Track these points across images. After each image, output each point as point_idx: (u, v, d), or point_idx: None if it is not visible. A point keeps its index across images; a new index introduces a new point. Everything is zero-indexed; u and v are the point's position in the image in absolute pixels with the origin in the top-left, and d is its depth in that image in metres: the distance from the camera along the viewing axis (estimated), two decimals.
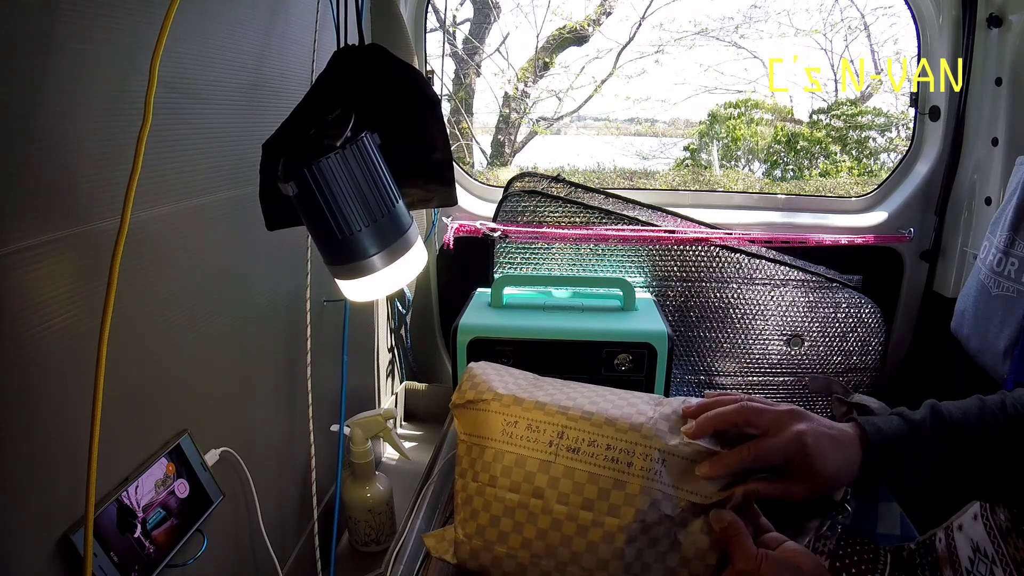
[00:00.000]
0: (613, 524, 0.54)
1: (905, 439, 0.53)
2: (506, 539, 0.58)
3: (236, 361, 0.81)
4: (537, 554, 0.56)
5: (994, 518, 0.57)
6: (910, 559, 0.66)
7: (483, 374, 0.66)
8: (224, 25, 0.72)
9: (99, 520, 0.56)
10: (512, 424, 0.60)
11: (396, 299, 1.42)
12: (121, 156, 0.54)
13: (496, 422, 0.61)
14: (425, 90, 0.70)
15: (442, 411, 1.47)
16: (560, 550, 0.55)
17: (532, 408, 0.60)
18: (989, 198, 1.26)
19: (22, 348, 0.48)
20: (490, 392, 0.63)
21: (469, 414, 0.63)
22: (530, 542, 0.56)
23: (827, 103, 4.46)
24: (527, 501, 0.57)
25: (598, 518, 0.54)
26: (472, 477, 0.61)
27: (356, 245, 0.62)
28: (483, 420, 0.62)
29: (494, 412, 0.61)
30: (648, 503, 0.53)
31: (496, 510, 0.58)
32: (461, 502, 0.61)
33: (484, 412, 0.62)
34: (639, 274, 1.37)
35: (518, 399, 0.62)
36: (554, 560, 0.55)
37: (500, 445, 0.60)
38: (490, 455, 0.60)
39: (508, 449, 0.59)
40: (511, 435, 0.60)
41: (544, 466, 0.57)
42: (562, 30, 4.21)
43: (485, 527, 0.59)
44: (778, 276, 1.37)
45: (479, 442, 0.61)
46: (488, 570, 0.59)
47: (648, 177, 4.58)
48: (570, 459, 0.57)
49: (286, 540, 0.97)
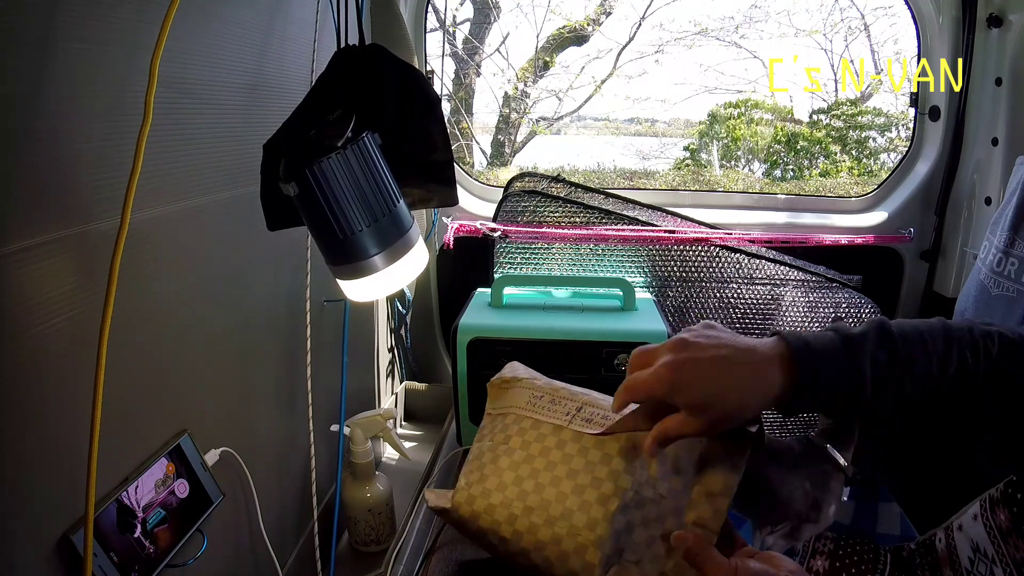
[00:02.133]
0: (609, 489, 0.55)
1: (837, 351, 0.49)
2: (504, 489, 0.60)
3: (236, 361, 0.81)
4: (530, 506, 0.58)
5: (994, 518, 0.57)
6: (910, 559, 0.66)
7: (521, 366, 0.73)
8: (224, 25, 0.72)
9: (99, 520, 0.56)
10: (538, 397, 0.66)
11: (396, 299, 1.42)
12: (121, 156, 0.54)
13: (524, 395, 0.67)
14: (425, 90, 0.70)
15: (442, 411, 1.47)
16: (553, 505, 0.57)
17: (559, 388, 0.66)
18: (989, 198, 1.26)
19: (22, 348, 0.48)
20: (525, 376, 0.70)
21: (501, 392, 0.69)
22: (526, 494, 0.59)
23: (827, 103, 4.46)
24: (533, 456, 0.60)
25: (596, 479, 0.56)
26: (489, 439, 0.65)
27: (357, 245, 0.62)
28: (513, 394, 0.68)
29: (524, 388, 0.68)
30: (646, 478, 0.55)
31: (503, 463, 0.62)
32: (471, 458, 0.66)
33: (515, 388, 0.68)
34: (639, 274, 1.37)
35: (549, 382, 0.68)
36: (545, 514, 0.57)
37: (523, 412, 0.65)
38: (511, 419, 0.65)
39: (528, 414, 0.64)
40: (535, 405, 0.65)
41: (557, 430, 0.61)
42: (562, 30, 4.21)
43: (487, 476, 0.62)
44: (778, 276, 1.36)
45: (504, 411, 0.67)
46: (479, 517, 0.61)
47: (648, 177, 4.58)
48: (582, 426, 0.60)
49: (286, 540, 0.97)
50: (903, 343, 0.49)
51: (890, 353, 0.49)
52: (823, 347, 0.49)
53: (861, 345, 0.49)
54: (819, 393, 0.49)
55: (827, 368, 0.48)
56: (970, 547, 0.59)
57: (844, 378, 0.49)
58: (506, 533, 0.59)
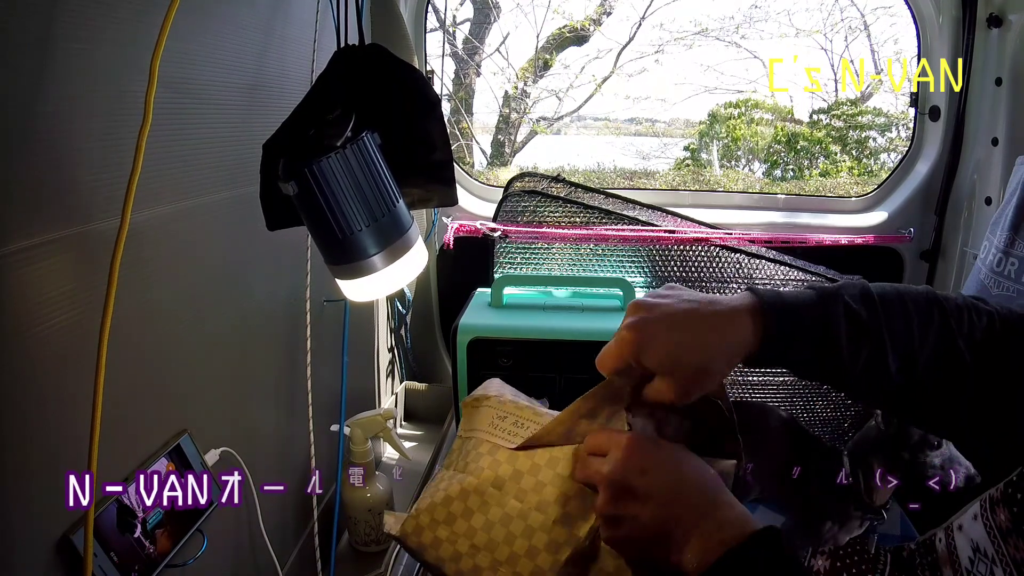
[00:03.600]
0: (562, 535, 0.51)
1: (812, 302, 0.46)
2: (452, 522, 0.55)
3: (236, 361, 0.81)
4: (476, 545, 0.53)
5: (994, 518, 0.57)
6: (910, 559, 0.66)
7: (495, 383, 0.67)
8: (224, 25, 0.72)
9: (99, 520, 0.56)
10: (501, 418, 0.60)
11: (396, 299, 1.42)
12: (121, 156, 0.54)
13: (487, 415, 0.61)
14: (425, 90, 0.70)
15: (442, 411, 1.47)
16: (501, 547, 0.52)
17: (524, 408, 0.60)
18: (989, 198, 1.26)
19: (22, 348, 0.48)
20: (494, 393, 0.64)
21: (471, 411, 0.64)
22: (474, 531, 0.54)
23: (827, 103, 4.46)
24: (485, 488, 0.55)
25: (548, 523, 0.51)
26: (451, 465, 0.61)
27: (356, 245, 0.62)
28: (478, 415, 0.62)
29: (489, 407, 0.62)
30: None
31: (452, 491, 0.56)
32: (430, 483, 0.61)
33: (482, 408, 0.63)
34: (639, 274, 1.37)
35: (515, 402, 0.61)
36: (491, 556, 0.52)
37: (483, 435, 0.59)
38: (471, 444, 0.60)
39: (487, 438, 0.59)
40: (496, 427, 0.59)
41: (512, 457, 0.55)
42: (562, 29, 4.21)
43: (437, 505, 0.56)
44: (778, 276, 1.36)
45: (469, 434, 0.62)
46: (424, 550, 0.56)
47: (648, 177, 4.58)
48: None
49: (286, 540, 0.97)
50: (882, 300, 0.47)
51: (868, 309, 0.47)
52: (796, 299, 0.47)
53: (837, 298, 0.47)
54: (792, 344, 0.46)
55: (799, 319, 0.46)
56: (970, 547, 0.59)
57: (818, 330, 0.46)
58: (449, 572, 0.54)
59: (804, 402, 1.44)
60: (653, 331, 0.46)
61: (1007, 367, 0.47)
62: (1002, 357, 0.47)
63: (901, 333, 0.47)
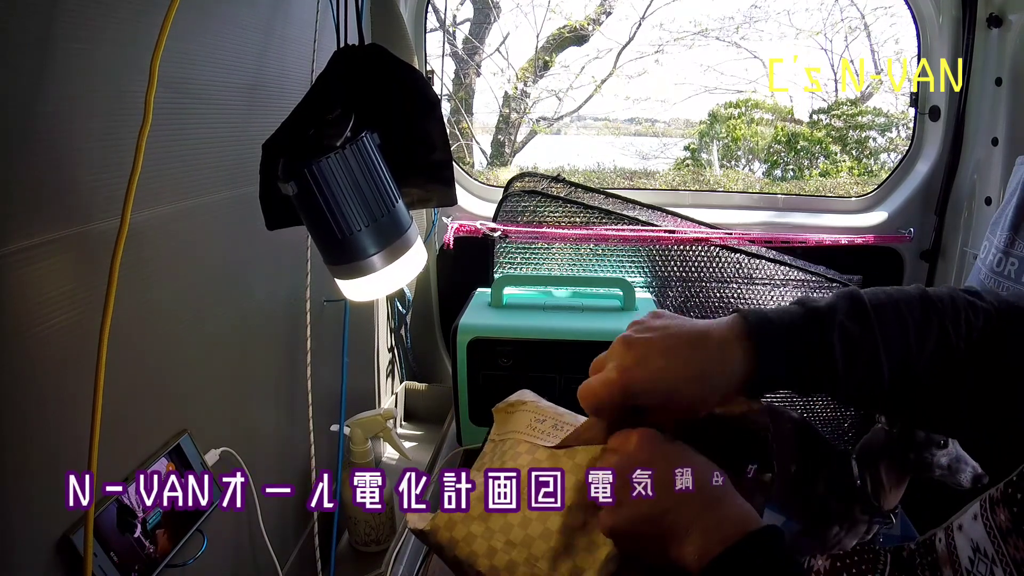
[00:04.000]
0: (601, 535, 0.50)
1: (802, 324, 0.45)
2: (487, 519, 0.55)
3: (236, 361, 0.81)
4: (512, 541, 0.53)
5: (994, 518, 0.57)
6: (910, 559, 0.66)
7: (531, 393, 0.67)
8: (224, 25, 0.72)
9: (99, 520, 0.56)
10: (539, 420, 0.60)
11: (396, 299, 1.42)
12: (121, 156, 0.54)
13: (525, 418, 0.62)
14: (425, 90, 0.70)
15: (442, 411, 1.47)
16: (537, 543, 0.52)
17: (563, 413, 0.60)
18: (989, 198, 1.26)
19: (22, 348, 0.48)
20: (531, 399, 0.64)
21: (506, 416, 0.64)
22: (510, 527, 0.54)
23: (827, 103, 4.46)
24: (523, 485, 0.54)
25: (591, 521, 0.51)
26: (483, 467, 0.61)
27: (356, 245, 0.62)
28: (514, 419, 0.63)
29: (526, 411, 0.62)
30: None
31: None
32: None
33: (518, 412, 0.63)
34: (639, 274, 1.37)
35: (553, 407, 0.62)
36: (526, 552, 0.52)
37: (522, 436, 0.60)
38: (508, 444, 0.60)
39: (526, 438, 0.59)
40: (535, 428, 0.60)
41: (553, 456, 0.55)
42: (562, 30, 4.21)
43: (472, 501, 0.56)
44: (778, 276, 1.36)
45: (504, 436, 0.62)
46: (456, 545, 0.56)
47: (648, 177, 4.58)
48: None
49: (286, 540, 0.97)
50: (876, 313, 0.46)
51: (862, 324, 0.46)
52: (785, 321, 0.46)
53: (830, 317, 0.46)
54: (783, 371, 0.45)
55: (791, 343, 0.45)
56: (970, 547, 0.59)
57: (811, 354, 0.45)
58: (483, 567, 0.54)
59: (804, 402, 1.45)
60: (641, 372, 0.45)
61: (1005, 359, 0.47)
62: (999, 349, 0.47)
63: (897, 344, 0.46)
